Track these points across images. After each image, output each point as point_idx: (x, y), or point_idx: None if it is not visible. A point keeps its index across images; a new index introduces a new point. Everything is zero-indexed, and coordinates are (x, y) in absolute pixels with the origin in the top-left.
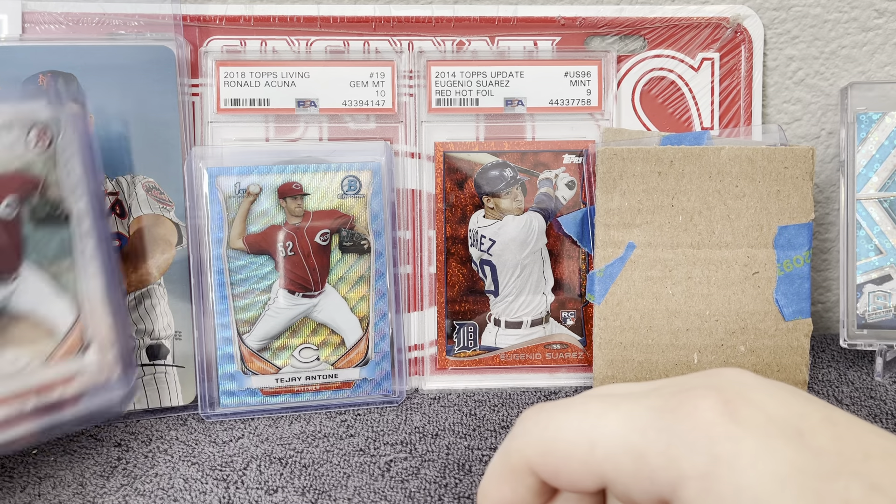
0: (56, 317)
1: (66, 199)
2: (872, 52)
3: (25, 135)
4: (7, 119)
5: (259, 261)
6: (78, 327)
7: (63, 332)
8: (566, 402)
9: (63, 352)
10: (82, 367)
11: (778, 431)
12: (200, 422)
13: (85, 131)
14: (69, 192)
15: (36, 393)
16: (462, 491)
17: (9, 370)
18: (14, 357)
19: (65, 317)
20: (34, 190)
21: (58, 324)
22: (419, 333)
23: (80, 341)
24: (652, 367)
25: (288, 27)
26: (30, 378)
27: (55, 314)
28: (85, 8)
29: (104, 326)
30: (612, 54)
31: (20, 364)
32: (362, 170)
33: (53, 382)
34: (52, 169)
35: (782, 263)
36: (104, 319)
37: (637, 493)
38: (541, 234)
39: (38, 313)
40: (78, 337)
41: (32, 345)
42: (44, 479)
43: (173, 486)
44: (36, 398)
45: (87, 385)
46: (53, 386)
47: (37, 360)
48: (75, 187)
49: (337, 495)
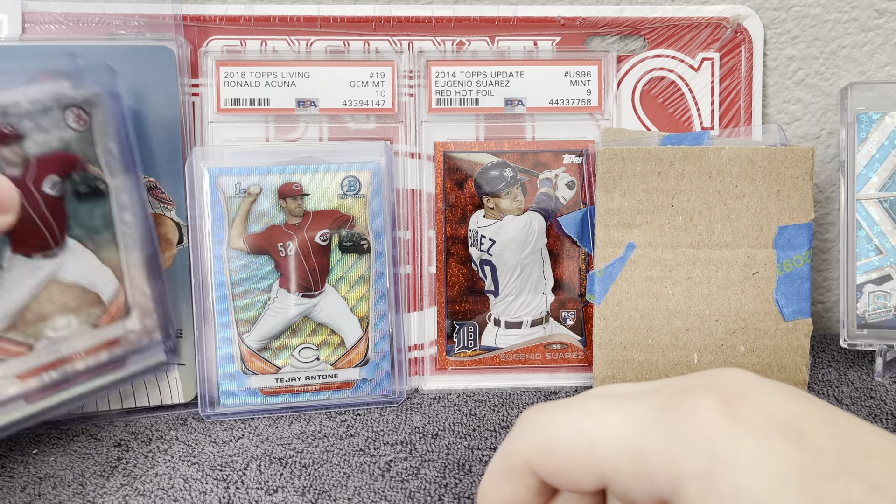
0: (101, 285)
1: (103, 174)
2: (872, 52)
3: (62, 115)
4: (44, 101)
5: (259, 261)
6: (120, 294)
7: (108, 299)
8: (566, 402)
9: (108, 317)
10: (126, 332)
11: (778, 431)
12: (200, 422)
13: (119, 109)
14: (106, 167)
15: (85, 354)
16: (462, 491)
17: (61, 334)
18: (65, 322)
19: (108, 285)
20: (74, 167)
21: (103, 291)
22: (419, 333)
23: (123, 307)
24: (652, 367)
25: (288, 27)
26: (80, 341)
27: (100, 283)
28: (85, 8)
29: (143, 294)
30: (612, 54)
31: (72, 328)
32: (362, 170)
33: (101, 345)
34: (89, 147)
35: (782, 263)
36: (143, 287)
37: (637, 493)
38: (541, 234)
39: (84, 282)
40: (121, 303)
41: (80, 311)
42: (44, 479)
43: (173, 486)
44: (85, 360)
45: (132, 347)
46: (101, 348)
47: (85, 325)
48: (112, 163)
49: (337, 495)
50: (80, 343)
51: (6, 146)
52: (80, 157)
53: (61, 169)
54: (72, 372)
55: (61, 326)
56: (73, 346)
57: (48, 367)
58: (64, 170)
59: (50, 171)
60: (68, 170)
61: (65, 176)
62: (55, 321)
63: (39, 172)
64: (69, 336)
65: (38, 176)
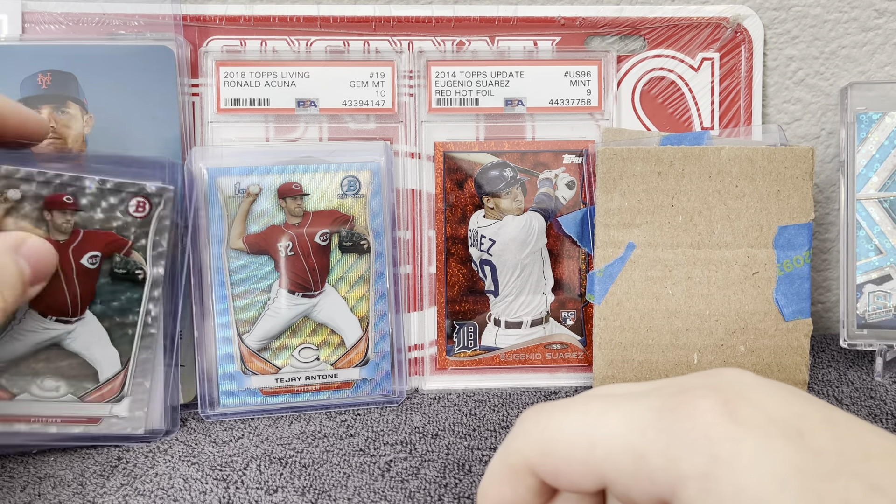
0: (102, 363)
1: (146, 264)
2: (872, 52)
3: (127, 201)
4: (116, 185)
5: (259, 261)
6: (119, 378)
7: (104, 379)
8: (566, 403)
9: (97, 395)
10: (110, 414)
11: (778, 431)
12: (200, 422)
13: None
14: (150, 259)
15: (60, 422)
16: (462, 491)
17: (46, 395)
18: (54, 385)
19: (111, 366)
20: (119, 250)
21: (102, 369)
22: (419, 333)
23: (118, 391)
24: (652, 367)
25: (288, 27)
26: (61, 408)
27: (102, 361)
28: (85, 8)
29: (144, 388)
30: (612, 54)
31: (58, 393)
32: (362, 170)
33: (80, 419)
34: (141, 236)
35: (782, 263)
36: (147, 381)
37: (637, 494)
38: (541, 234)
39: (86, 355)
40: (117, 386)
41: (73, 381)
42: (44, 479)
43: (173, 486)
44: (58, 426)
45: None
46: (78, 421)
47: (72, 395)
48: (158, 257)
49: (337, 495)
50: (60, 410)
51: (61, 213)
52: (128, 242)
53: (106, 247)
54: (40, 432)
55: (49, 388)
56: (52, 409)
57: (20, 420)
58: (108, 249)
59: (94, 247)
60: (113, 250)
61: (107, 255)
62: (45, 381)
63: (83, 244)
64: (52, 399)
65: (81, 247)
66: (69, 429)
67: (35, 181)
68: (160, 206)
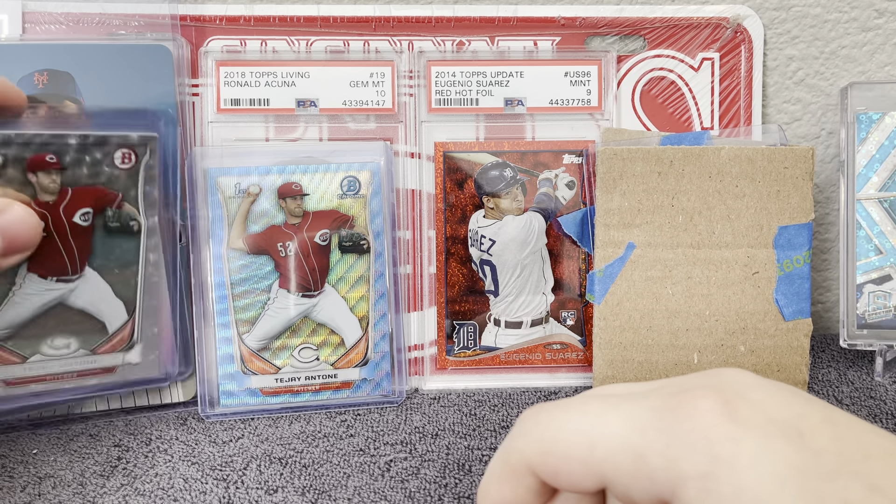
0: (109, 316)
1: (138, 214)
2: (872, 52)
3: (112, 154)
4: (98, 139)
5: (259, 261)
6: (128, 327)
7: (112, 330)
8: (566, 402)
9: (109, 347)
10: (124, 363)
11: (778, 432)
12: (200, 422)
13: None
14: (143, 208)
15: (76, 376)
16: (462, 491)
17: (58, 353)
18: (64, 343)
19: (117, 317)
20: (110, 204)
21: (110, 322)
22: (419, 333)
23: (128, 340)
24: (652, 367)
25: (288, 27)
26: (74, 363)
27: (109, 313)
28: (85, 8)
29: (153, 332)
30: (612, 54)
31: (69, 350)
32: (362, 170)
33: (94, 370)
34: (131, 187)
35: (782, 263)
36: (154, 327)
37: (637, 494)
38: (541, 234)
39: (91, 310)
40: (127, 334)
41: (82, 335)
42: (44, 479)
43: (173, 486)
44: (74, 381)
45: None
46: (94, 373)
47: (84, 350)
48: (150, 206)
49: (337, 495)
50: (73, 365)
51: (46, 174)
52: (118, 195)
53: (96, 202)
54: (56, 389)
55: (59, 346)
56: (66, 366)
57: (36, 381)
58: (99, 204)
59: (84, 204)
60: (104, 204)
61: (99, 210)
62: (55, 340)
63: (73, 202)
64: (65, 356)
65: (72, 206)
66: (85, 381)
67: (14, 143)
68: (146, 155)
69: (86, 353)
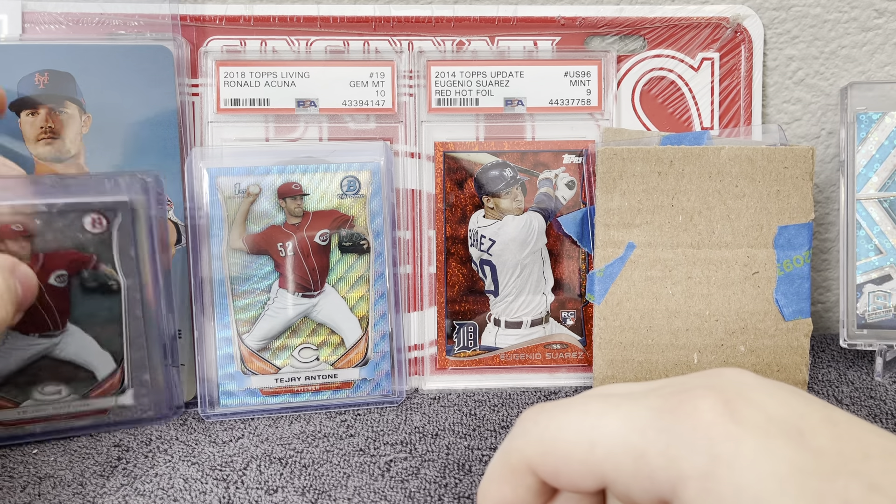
0: (97, 365)
1: (117, 274)
2: (872, 52)
3: (80, 219)
4: (63, 206)
5: (259, 261)
6: (118, 375)
7: (102, 378)
8: (566, 402)
9: (100, 391)
10: (116, 405)
11: (778, 431)
12: (200, 422)
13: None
14: (121, 269)
15: (70, 417)
16: (462, 491)
17: (50, 399)
18: (55, 389)
19: (106, 366)
20: (85, 266)
21: (98, 370)
22: (419, 333)
23: (118, 384)
24: (652, 367)
25: (288, 27)
26: (67, 406)
27: (97, 363)
28: (85, 8)
29: (143, 380)
30: (611, 54)
31: (61, 396)
32: (362, 170)
33: (88, 412)
34: (105, 248)
35: (782, 263)
36: (145, 374)
37: (637, 494)
38: (541, 234)
39: (79, 360)
40: (117, 381)
41: (72, 383)
42: (44, 479)
43: (173, 486)
44: (70, 421)
45: (120, 419)
46: (87, 415)
47: (75, 395)
48: (128, 265)
49: (337, 495)
50: (66, 408)
51: (14, 241)
52: (93, 257)
53: (70, 266)
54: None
55: (50, 392)
56: (59, 409)
57: (33, 422)
58: (73, 267)
59: (58, 267)
60: (78, 267)
61: (74, 271)
62: (45, 387)
63: (46, 266)
64: (57, 401)
65: (46, 269)
66: (79, 421)
67: None
68: (117, 218)
69: (77, 397)
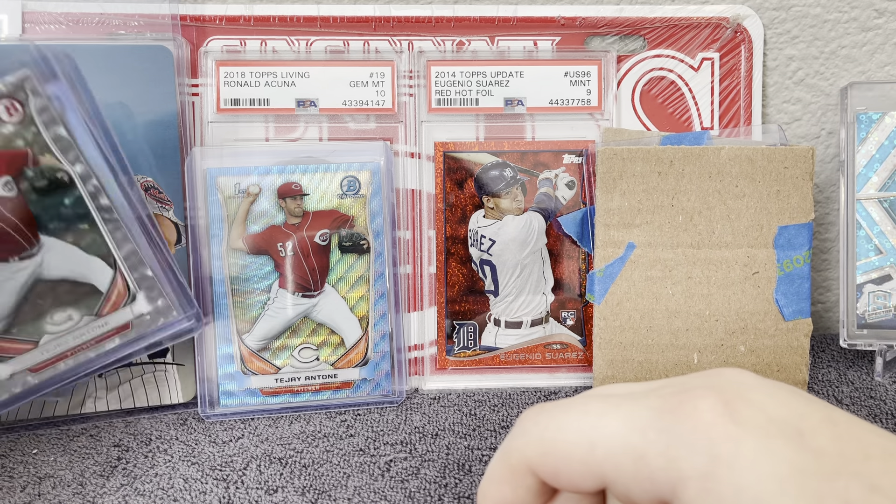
0: (92, 276)
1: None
2: (872, 52)
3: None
4: None
5: (259, 261)
6: (119, 281)
7: (105, 288)
8: (566, 403)
9: (110, 306)
10: (134, 316)
11: (778, 432)
12: (200, 422)
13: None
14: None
15: (95, 343)
16: (462, 491)
17: (64, 327)
18: (65, 316)
19: (102, 274)
20: (24, 163)
21: (97, 281)
22: (419, 333)
23: (125, 293)
24: (652, 367)
25: (288, 27)
26: (86, 331)
27: (90, 274)
28: (85, 8)
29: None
30: (611, 54)
31: (73, 321)
32: (362, 170)
33: (110, 333)
34: (35, 137)
35: (782, 263)
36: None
37: (637, 494)
38: (541, 234)
39: (72, 276)
40: (122, 289)
41: (78, 303)
42: (44, 479)
43: (173, 486)
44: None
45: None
46: (110, 335)
47: (88, 316)
48: (67, 149)
49: (337, 495)
50: (86, 334)
51: None
52: (25, 153)
53: (9, 168)
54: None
55: (61, 321)
56: (79, 337)
57: (60, 358)
58: (12, 168)
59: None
60: (18, 167)
61: (16, 174)
62: (54, 316)
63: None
64: (73, 328)
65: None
66: (106, 345)
67: None
68: (30, 97)
69: (91, 318)
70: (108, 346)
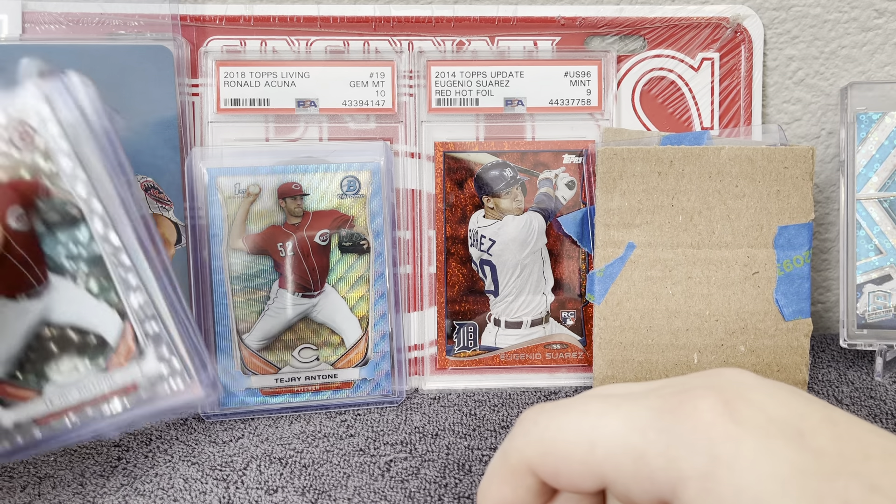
0: (100, 325)
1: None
2: (872, 52)
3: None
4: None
5: (259, 261)
6: (128, 333)
7: (113, 340)
8: (566, 403)
9: (117, 360)
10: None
11: (778, 432)
12: (200, 422)
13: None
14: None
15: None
16: (462, 491)
17: (69, 378)
18: (71, 366)
19: (111, 325)
20: (36, 194)
21: (105, 331)
22: (419, 333)
23: (134, 347)
24: (652, 367)
25: (288, 27)
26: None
27: (98, 323)
28: (85, 8)
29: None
30: (611, 54)
31: (80, 373)
32: (362, 170)
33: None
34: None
35: (782, 263)
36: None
37: (637, 494)
38: (541, 234)
39: (79, 323)
40: (131, 342)
41: (86, 352)
42: (44, 479)
43: (173, 486)
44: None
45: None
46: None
47: (94, 369)
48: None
49: (337, 495)
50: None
51: None
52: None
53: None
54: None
55: (67, 370)
56: (85, 390)
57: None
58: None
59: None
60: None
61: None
62: (60, 364)
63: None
64: (78, 381)
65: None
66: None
67: None
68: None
69: (97, 370)
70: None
